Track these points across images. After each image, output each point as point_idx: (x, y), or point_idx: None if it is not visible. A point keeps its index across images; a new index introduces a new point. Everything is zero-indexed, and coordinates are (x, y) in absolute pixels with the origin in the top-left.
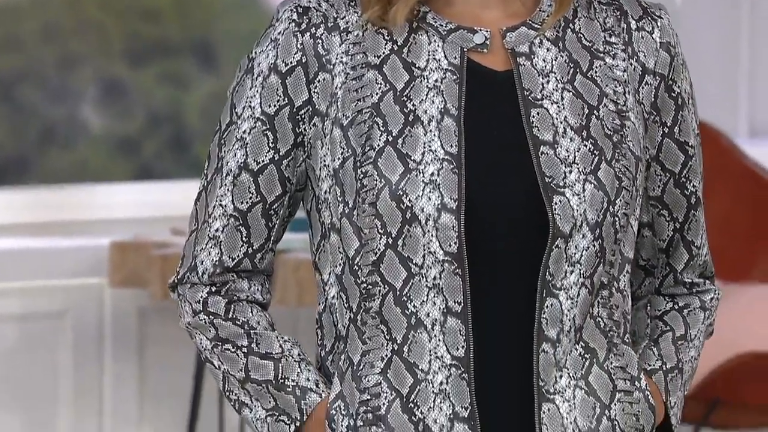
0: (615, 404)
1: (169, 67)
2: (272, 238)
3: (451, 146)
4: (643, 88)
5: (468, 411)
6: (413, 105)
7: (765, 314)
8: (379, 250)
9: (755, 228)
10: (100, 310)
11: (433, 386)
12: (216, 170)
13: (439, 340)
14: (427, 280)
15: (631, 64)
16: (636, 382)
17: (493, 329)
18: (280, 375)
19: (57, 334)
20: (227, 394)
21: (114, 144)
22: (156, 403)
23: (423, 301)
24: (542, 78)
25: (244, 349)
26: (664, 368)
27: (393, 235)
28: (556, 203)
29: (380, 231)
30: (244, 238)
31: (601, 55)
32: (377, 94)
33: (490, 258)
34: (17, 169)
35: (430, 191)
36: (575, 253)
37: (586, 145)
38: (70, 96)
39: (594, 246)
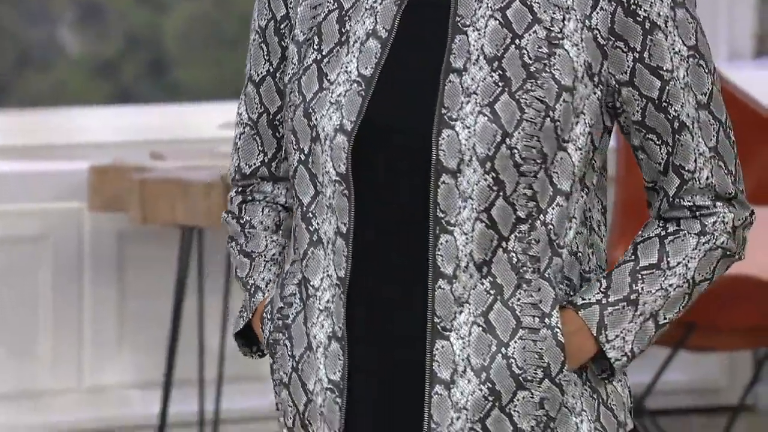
0: (515, 341)
1: None
2: (283, 147)
3: (366, 68)
4: (597, 13)
5: (342, 332)
6: (349, 25)
7: None
8: (293, 165)
9: (737, 152)
10: (79, 235)
11: (320, 303)
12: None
13: (330, 259)
14: (326, 199)
15: None
16: (546, 319)
17: (382, 256)
18: (248, 273)
19: (36, 258)
20: None
21: (92, 67)
22: (136, 327)
23: (324, 219)
24: (476, 3)
25: (238, 247)
26: (604, 301)
27: (305, 152)
28: (443, 138)
29: (295, 147)
30: (259, 147)
31: None
32: (324, 13)
33: (376, 184)
34: None
35: (333, 111)
36: (467, 188)
37: (492, 76)
38: (47, 18)
39: (486, 180)
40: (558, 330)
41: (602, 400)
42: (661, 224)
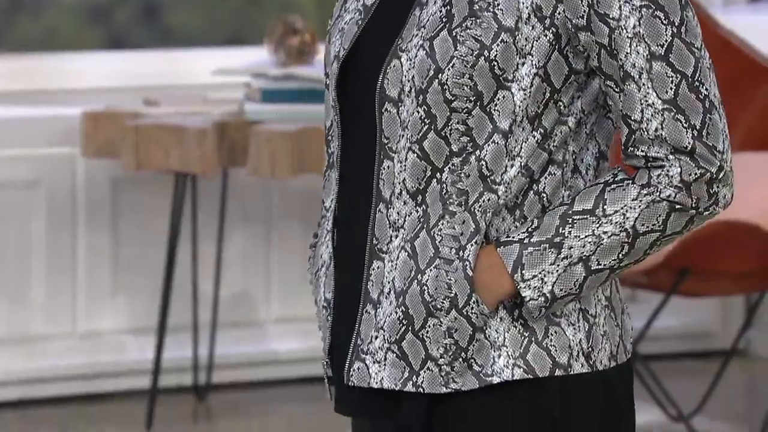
0: (430, 270)
1: None
2: None
3: None
4: None
5: (329, 253)
6: None
7: (738, 182)
8: (325, 90)
9: (731, 99)
10: (72, 181)
11: (327, 224)
12: None
13: (331, 182)
14: (333, 124)
15: None
16: (461, 252)
17: (353, 184)
18: None
19: (29, 204)
20: None
21: (84, 12)
22: (129, 273)
23: (334, 144)
24: None
25: None
26: (526, 241)
27: (326, 76)
28: (390, 67)
29: (325, 72)
30: None
31: None
32: None
33: (350, 112)
34: None
35: (338, 38)
36: (406, 119)
37: (441, 11)
38: None
39: (419, 112)
40: (468, 263)
41: (535, 338)
42: (614, 173)
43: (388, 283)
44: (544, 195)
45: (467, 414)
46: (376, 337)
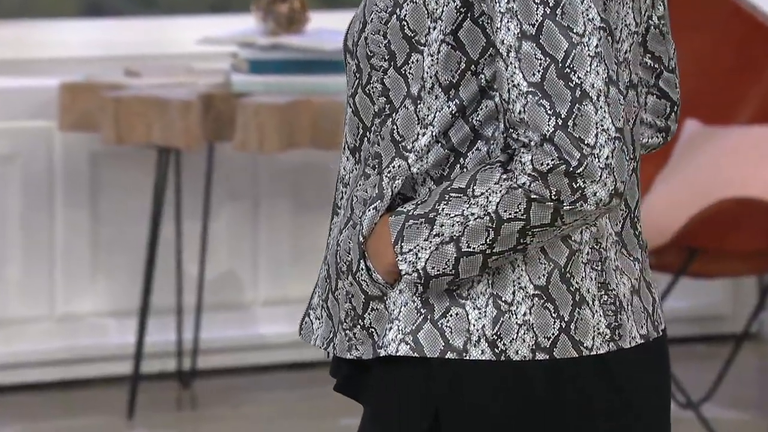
0: (345, 231)
1: None
2: None
3: None
4: None
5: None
6: None
7: (749, 157)
8: None
9: (740, 66)
10: (49, 155)
11: None
12: None
13: None
14: None
15: None
16: (363, 216)
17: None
18: None
19: (4, 179)
20: None
21: None
22: (110, 253)
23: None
24: None
25: None
26: (411, 213)
27: None
28: (354, 19)
29: None
30: None
31: None
32: None
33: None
34: None
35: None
36: (348, 71)
37: None
38: None
39: (351, 65)
40: (361, 229)
41: (431, 317)
42: (497, 154)
43: (333, 239)
44: (466, 170)
45: (372, 384)
46: (316, 293)
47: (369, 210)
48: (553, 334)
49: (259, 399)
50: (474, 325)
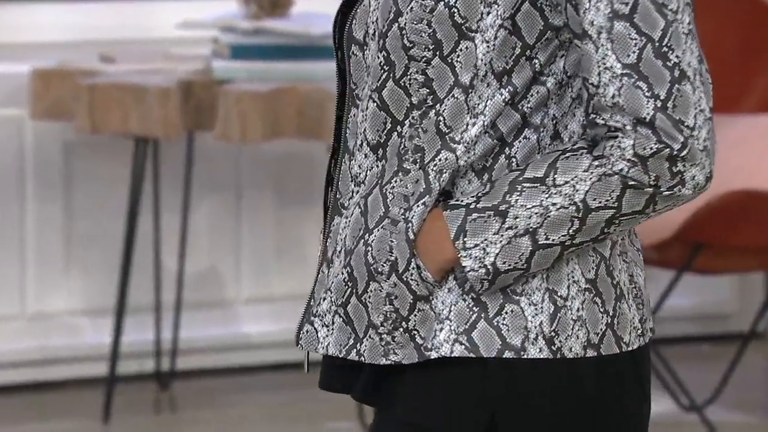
0: (378, 230)
1: None
2: None
3: None
4: None
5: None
6: None
7: (757, 148)
8: None
9: (747, 52)
10: (20, 145)
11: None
12: None
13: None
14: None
15: None
16: (407, 213)
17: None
18: None
19: None
20: None
21: None
22: (84, 248)
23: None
24: None
25: None
26: (473, 206)
27: None
28: (361, 7)
29: None
30: None
31: None
32: None
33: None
34: None
35: None
36: (370, 64)
37: None
38: None
39: (379, 58)
40: (410, 226)
41: (486, 315)
42: (575, 140)
43: (341, 240)
44: (514, 160)
45: (409, 390)
46: (324, 299)
47: (417, 206)
48: (601, 329)
49: (242, 401)
50: (531, 322)
